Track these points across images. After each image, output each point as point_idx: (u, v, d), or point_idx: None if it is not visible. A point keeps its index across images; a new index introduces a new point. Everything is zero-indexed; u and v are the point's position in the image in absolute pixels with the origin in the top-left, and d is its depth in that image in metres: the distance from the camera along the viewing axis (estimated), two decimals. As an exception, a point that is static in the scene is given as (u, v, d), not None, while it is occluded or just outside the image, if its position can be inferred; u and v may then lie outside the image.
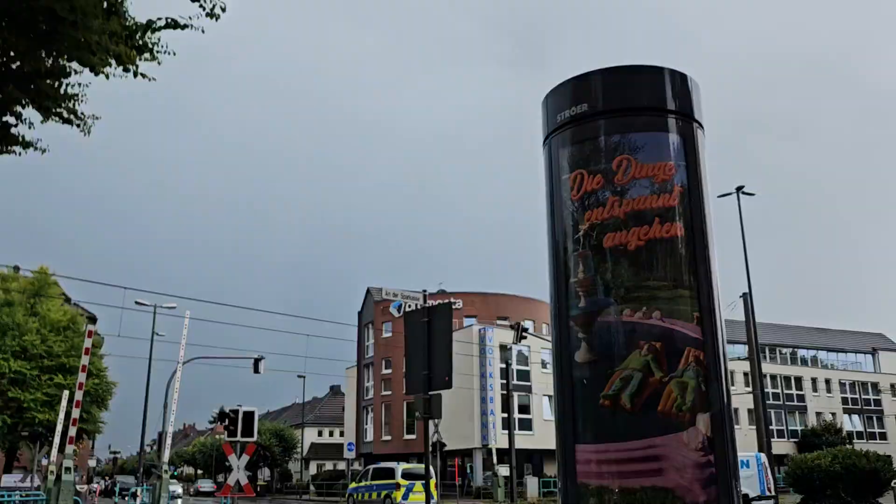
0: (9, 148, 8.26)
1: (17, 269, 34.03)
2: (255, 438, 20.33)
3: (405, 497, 29.91)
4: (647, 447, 2.91)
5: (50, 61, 7.35)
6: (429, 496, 25.34)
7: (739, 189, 33.32)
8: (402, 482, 30.68)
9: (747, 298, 33.00)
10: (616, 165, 3.21)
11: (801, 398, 65.61)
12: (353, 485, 35.40)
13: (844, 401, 67.80)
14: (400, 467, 32.03)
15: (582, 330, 3.14)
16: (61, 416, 24.60)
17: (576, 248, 3.22)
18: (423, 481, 26.25)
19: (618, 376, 2.99)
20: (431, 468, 31.11)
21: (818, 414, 65.29)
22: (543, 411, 48.11)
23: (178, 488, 54.85)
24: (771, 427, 57.73)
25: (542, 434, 46.89)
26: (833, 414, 65.95)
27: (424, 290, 17.39)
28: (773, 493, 26.81)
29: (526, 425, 47.28)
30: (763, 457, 28.26)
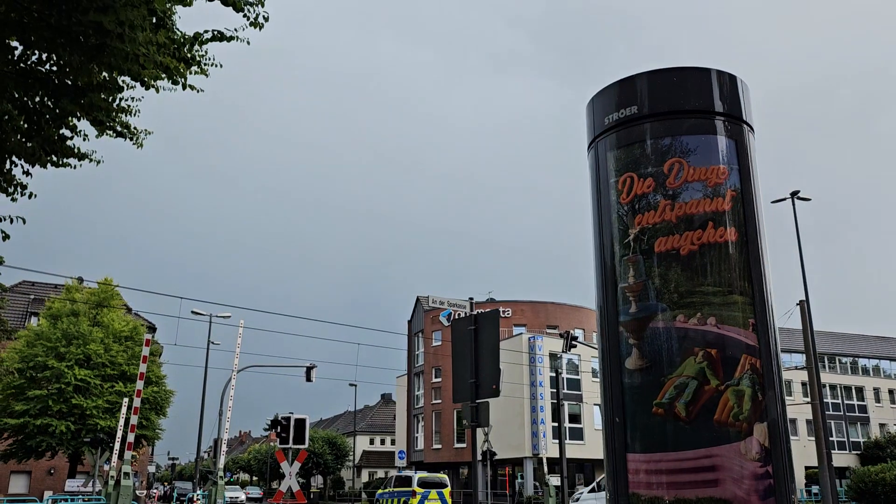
0: (65, 161, 8.59)
1: (80, 280, 35.19)
2: (306, 445, 20.59)
3: (420, 503, 31.80)
4: (703, 457, 2.84)
5: (102, 75, 7.60)
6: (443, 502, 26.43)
7: (794, 194, 32.47)
8: (419, 490, 32.54)
9: (804, 306, 32.12)
10: (668, 169, 3.15)
11: (864, 409, 63.41)
12: (380, 491, 37.30)
13: (910, 412, 65.31)
14: (416, 476, 33.93)
15: (633, 336, 3.07)
16: (121, 422, 25.31)
17: (625, 252, 3.16)
18: (439, 489, 32.54)
19: (671, 384, 2.92)
20: (446, 477, 36.04)
21: (882, 425, 62.99)
22: (594, 420, 47.56)
23: (241, 494, 55.52)
24: (831, 439, 56.00)
25: (593, 443, 46.35)
26: (898, 425, 63.61)
27: (471, 298, 17.33)
28: None
29: (577, 434, 46.80)
30: None
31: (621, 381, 3.08)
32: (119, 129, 8.42)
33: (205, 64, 8.25)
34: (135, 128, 8.52)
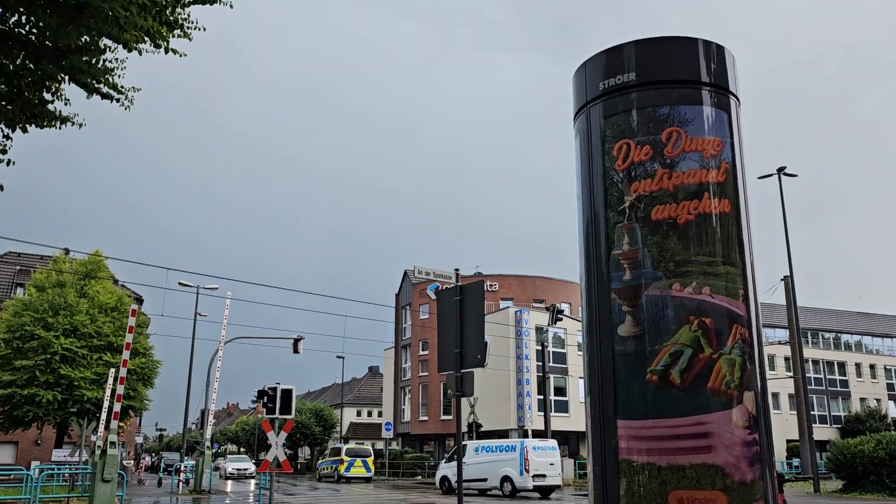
0: (48, 123, 8.44)
1: (66, 251, 34.92)
2: (293, 415, 20.67)
3: (347, 470, 41.37)
4: (696, 424, 2.86)
5: (83, 38, 7.47)
6: (367, 468, 39.15)
7: (781, 170, 32.54)
8: (346, 458, 42.02)
9: (789, 282, 32.39)
10: (665, 138, 3.14)
11: (845, 384, 64.38)
12: (322, 460, 48.42)
13: (889, 387, 66.36)
14: (345, 447, 44.70)
15: (627, 303, 3.05)
16: (108, 392, 25.29)
17: (620, 219, 3.14)
18: (363, 458, 42.50)
19: (666, 351, 2.93)
20: (370, 448, 45.66)
21: (862, 400, 64.03)
22: (579, 393, 48.02)
23: (249, 465, 50.41)
24: (813, 412, 56.81)
25: (578, 416, 46.83)
26: (878, 400, 64.63)
27: (457, 270, 17.39)
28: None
29: (562, 407, 47.27)
30: (528, 443, 28.67)
31: (612, 347, 3.06)
32: (106, 89, 8.28)
33: (188, 27, 8.11)
34: (122, 87, 8.38)
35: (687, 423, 2.86)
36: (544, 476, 27.56)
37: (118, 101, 8.43)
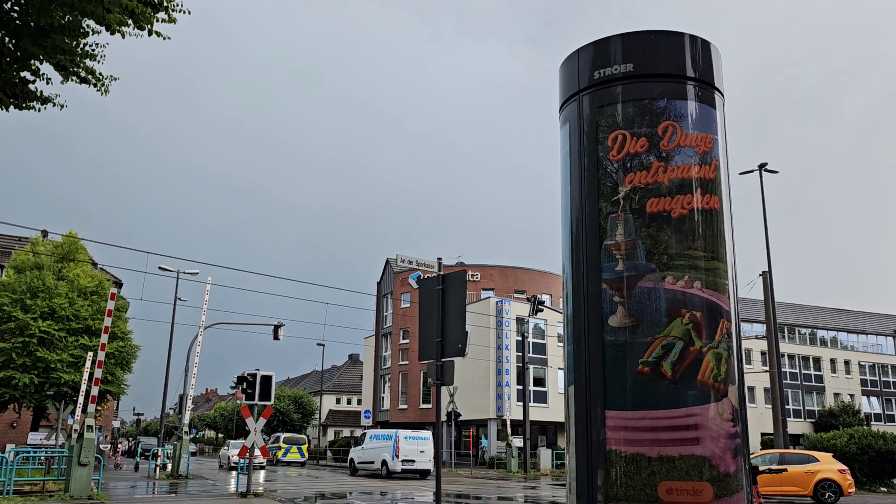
0: (28, 103, 8.32)
1: (45, 233, 34.48)
2: (272, 402, 20.63)
3: (284, 455, 49.10)
4: (686, 416, 2.89)
5: (65, 17, 7.36)
6: (301, 454, 49.30)
7: (762, 166, 32.81)
8: (283, 445, 49.90)
9: (767, 277, 32.72)
10: (662, 131, 3.15)
11: (820, 379, 65.30)
12: (268, 445, 52.97)
13: (864, 382, 67.40)
14: (283, 435, 52.90)
15: (619, 294, 3.05)
16: (85, 376, 25.07)
17: (613, 209, 3.13)
18: (298, 445, 50.73)
19: (658, 343, 2.94)
20: (305, 437, 54.24)
21: (836, 395, 64.99)
22: (558, 384, 48.31)
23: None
24: (788, 406, 57.62)
25: (557, 406, 47.17)
26: (851, 395, 65.63)
27: (440, 259, 17.25)
28: None
29: (541, 398, 47.55)
30: (400, 433, 33.93)
31: (602, 337, 3.06)
32: (83, 74, 8.17)
33: (172, 9, 8.02)
34: (100, 73, 8.27)
35: (678, 414, 2.89)
36: (413, 461, 32.97)
37: (95, 85, 8.33)
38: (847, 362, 67.21)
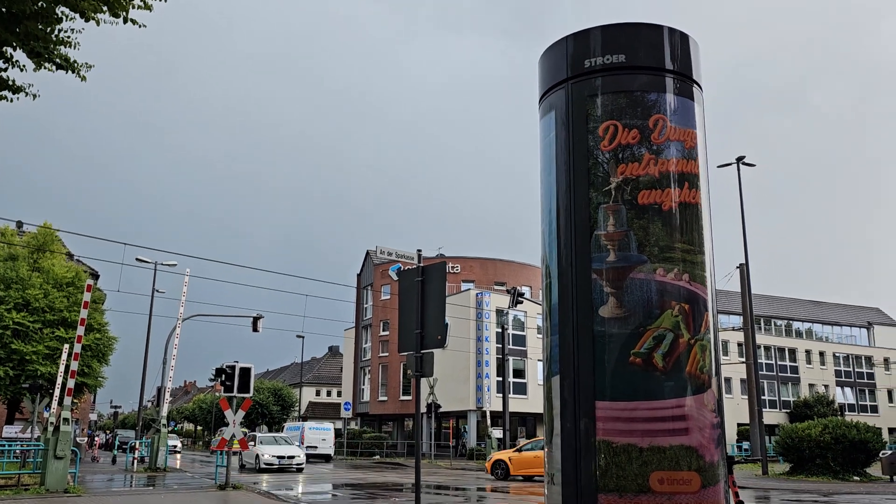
0: (0, 92, 8.15)
1: (19, 224, 33.97)
2: (251, 394, 20.49)
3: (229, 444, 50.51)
4: (676, 406, 2.92)
5: (38, 3, 7.23)
6: (240, 446, 41.35)
7: (740, 160, 33.09)
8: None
9: (744, 269, 33.07)
10: (652, 124, 3.16)
11: (795, 370, 66.20)
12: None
13: (838, 373, 68.43)
14: (252, 432, 53.89)
15: (610, 284, 3.05)
16: (62, 368, 24.77)
17: (605, 199, 3.12)
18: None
19: (650, 334, 2.96)
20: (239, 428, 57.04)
21: (811, 386, 65.94)
22: (538, 375, 48.52)
23: (298, 452, 51.82)
24: (763, 397, 58.37)
25: (536, 398, 47.41)
26: (826, 386, 66.62)
27: (420, 251, 17.29)
28: None
29: (520, 389, 47.75)
30: (306, 425, 39.40)
31: (591, 328, 3.05)
32: (58, 61, 8.03)
33: None
34: (75, 61, 8.13)
35: (669, 405, 2.92)
36: (316, 447, 41.74)
37: (70, 71, 8.18)
38: (822, 353, 68.18)
